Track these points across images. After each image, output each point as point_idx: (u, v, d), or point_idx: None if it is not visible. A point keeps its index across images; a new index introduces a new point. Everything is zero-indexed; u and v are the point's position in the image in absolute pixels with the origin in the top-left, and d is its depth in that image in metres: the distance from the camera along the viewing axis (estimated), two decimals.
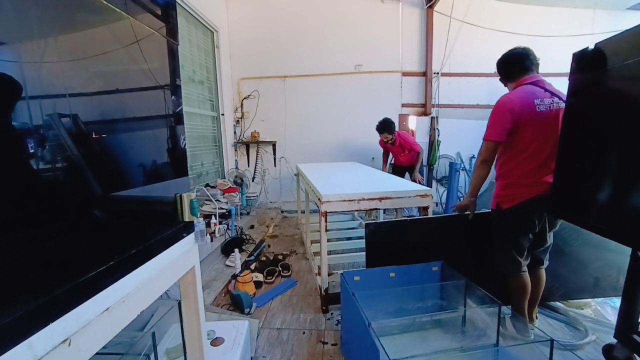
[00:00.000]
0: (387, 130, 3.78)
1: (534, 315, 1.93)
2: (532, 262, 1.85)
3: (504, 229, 1.80)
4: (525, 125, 1.64)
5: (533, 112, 1.63)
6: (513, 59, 1.77)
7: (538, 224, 1.72)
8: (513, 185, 1.72)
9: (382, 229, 1.96)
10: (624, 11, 4.66)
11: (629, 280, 1.44)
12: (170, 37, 0.90)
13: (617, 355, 1.49)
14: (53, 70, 0.55)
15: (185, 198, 0.89)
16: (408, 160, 3.98)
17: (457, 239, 2.03)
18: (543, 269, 1.88)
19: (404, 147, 3.91)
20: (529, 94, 1.65)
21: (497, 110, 1.71)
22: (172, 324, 1.38)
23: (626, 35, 1.24)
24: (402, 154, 3.98)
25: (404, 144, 3.90)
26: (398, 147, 3.92)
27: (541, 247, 1.82)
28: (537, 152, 1.66)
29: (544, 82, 1.70)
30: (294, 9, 4.80)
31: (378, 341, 1.23)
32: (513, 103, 1.65)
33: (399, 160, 4.08)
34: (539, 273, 1.87)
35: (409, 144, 3.90)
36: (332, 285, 2.28)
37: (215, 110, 4.60)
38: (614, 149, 1.31)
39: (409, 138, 3.98)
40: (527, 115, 1.63)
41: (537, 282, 1.87)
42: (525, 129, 1.65)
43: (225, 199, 3.75)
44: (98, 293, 0.59)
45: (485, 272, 1.87)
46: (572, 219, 1.57)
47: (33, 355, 0.46)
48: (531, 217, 1.70)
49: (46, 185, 0.53)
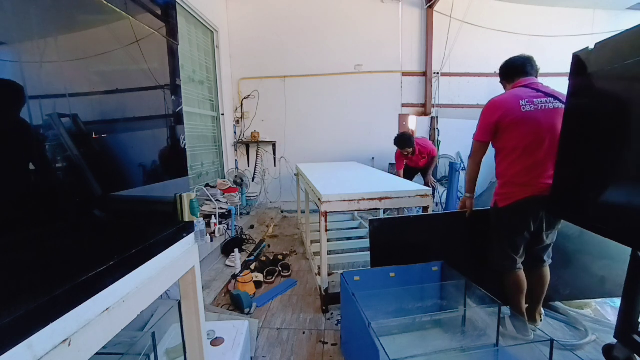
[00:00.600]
0: (407, 145, 3.68)
1: (537, 315, 1.92)
2: (533, 260, 1.86)
3: (500, 226, 1.83)
4: (511, 126, 1.70)
5: (517, 112, 1.67)
6: (514, 63, 1.84)
7: (533, 224, 1.73)
8: (508, 185, 1.77)
9: (386, 225, 1.98)
10: (624, 11, 4.66)
11: (629, 280, 1.44)
12: (170, 37, 0.90)
13: (617, 355, 1.49)
14: (53, 70, 0.55)
15: (185, 198, 0.89)
16: (424, 163, 3.91)
17: (460, 237, 2.04)
18: (546, 267, 1.87)
19: (423, 153, 3.82)
20: (515, 96, 1.71)
21: (483, 112, 1.82)
22: (172, 324, 1.38)
23: (626, 35, 1.24)
24: (421, 160, 3.89)
25: (423, 150, 3.81)
26: (418, 155, 3.83)
27: (539, 245, 1.82)
28: (528, 151, 1.69)
29: (538, 84, 1.75)
30: (294, 9, 4.80)
31: (378, 341, 1.23)
32: (497, 105, 1.75)
33: (414, 163, 3.95)
34: (542, 271, 1.87)
35: (427, 149, 3.81)
36: (332, 285, 2.28)
37: (215, 110, 4.60)
38: (614, 149, 1.31)
39: (427, 144, 3.88)
40: (511, 115, 1.68)
41: (539, 280, 1.87)
42: (511, 130, 1.70)
43: (225, 199, 3.75)
44: (98, 293, 0.59)
45: (485, 271, 1.87)
46: (572, 219, 1.58)
47: (33, 355, 0.46)
48: (526, 216, 1.73)
49: (46, 185, 0.53)
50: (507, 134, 1.72)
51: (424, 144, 3.86)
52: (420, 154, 3.84)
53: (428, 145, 3.89)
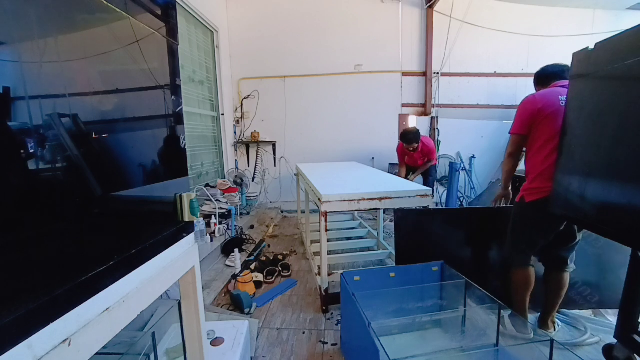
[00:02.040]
0: (413, 141, 3.67)
1: (550, 323, 1.88)
2: (555, 263, 1.82)
3: (520, 221, 1.81)
4: (549, 117, 1.68)
5: (557, 105, 1.66)
6: (554, 69, 1.84)
7: (561, 223, 1.70)
8: (539, 179, 1.72)
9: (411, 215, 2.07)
10: (624, 11, 4.66)
11: (629, 281, 1.44)
12: (170, 37, 0.90)
13: (617, 355, 1.49)
14: (53, 70, 0.55)
15: (185, 198, 0.89)
16: (422, 162, 3.92)
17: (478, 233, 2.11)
18: (567, 273, 1.80)
19: (424, 152, 3.83)
20: (554, 92, 1.72)
21: (521, 106, 1.80)
22: (172, 324, 1.38)
23: (626, 35, 1.24)
24: (420, 159, 3.91)
25: (425, 150, 3.80)
26: (419, 153, 3.84)
27: (566, 245, 1.78)
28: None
29: None
30: (294, 9, 4.79)
31: (378, 341, 1.23)
32: (536, 99, 1.74)
33: (413, 161, 3.96)
34: (562, 276, 1.80)
35: (428, 149, 3.80)
36: (332, 285, 2.28)
37: (215, 110, 4.60)
38: (614, 149, 1.31)
39: (430, 145, 3.86)
40: (552, 107, 1.67)
41: (557, 285, 1.81)
42: (549, 121, 1.68)
43: (225, 199, 3.75)
44: (98, 293, 0.59)
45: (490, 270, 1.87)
46: (572, 219, 1.57)
47: (33, 355, 0.46)
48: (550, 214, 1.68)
49: (46, 185, 0.53)
50: (544, 126, 1.70)
51: (428, 143, 3.84)
52: (421, 153, 3.83)
53: (431, 147, 3.86)
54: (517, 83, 4.77)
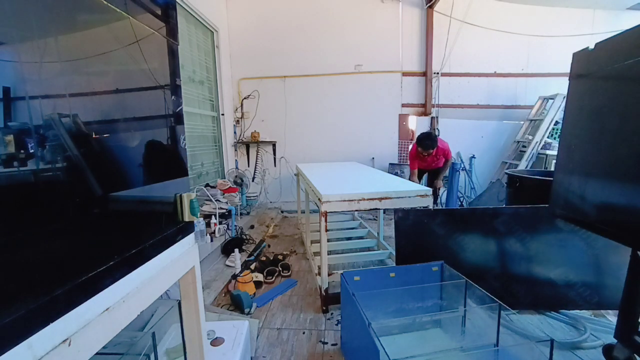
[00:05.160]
0: (431, 147, 3.51)
1: None
2: None
3: None
4: None
5: None
6: None
7: None
8: None
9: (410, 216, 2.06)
10: (624, 11, 4.66)
11: (629, 281, 1.44)
12: (170, 37, 0.90)
13: (617, 355, 1.48)
14: (53, 70, 0.55)
15: (185, 198, 0.89)
16: (437, 165, 3.82)
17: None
18: None
19: (439, 153, 3.69)
20: None
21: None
22: (172, 324, 1.38)
23: (626, 35, 1.24)
24: (435, 162, 3.78)
25: (440, 152, 3.67)
26: (433, 157, 3.69)
27: None
28: None
29: None
30: (294, 9, 4.79)
31: (378, 341, 1.23)
32: None
33: (427, 164, 3.81)
34: None
35: (444, 151, 3.68)
36: (332, 285, 2.28)
37: (215, 110, 4.60)
38: (614, 149, 1.30)
39: (444, 145, 3.72)
40: None
41: None
42: None
43: (225, 199, 3.75)
44: (98, 293, 0.59)
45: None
46: (572, 219, 1.57)
47: (33, 355, 0.46)
48: None
49: (46, 185, 0.53)
50: None
51: (442, 145, 3.70)
52: (435, 156, 3.69)
53: (446, 146, 3.72)
54: (517, 83, 4.76)
